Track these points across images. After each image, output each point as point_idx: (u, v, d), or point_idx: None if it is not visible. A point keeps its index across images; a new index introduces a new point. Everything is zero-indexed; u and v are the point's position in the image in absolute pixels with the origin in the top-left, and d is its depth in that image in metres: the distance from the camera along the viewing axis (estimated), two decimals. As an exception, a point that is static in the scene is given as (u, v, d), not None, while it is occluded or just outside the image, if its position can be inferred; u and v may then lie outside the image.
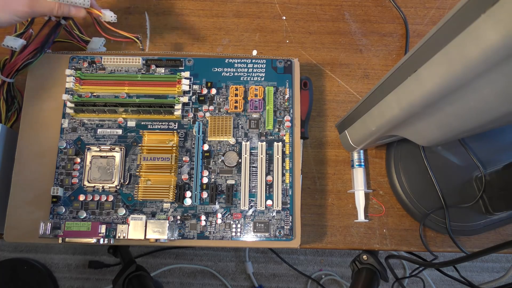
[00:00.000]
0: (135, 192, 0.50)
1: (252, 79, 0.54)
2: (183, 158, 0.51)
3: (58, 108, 0.52)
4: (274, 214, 0.50)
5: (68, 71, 0.52)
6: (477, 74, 0.26)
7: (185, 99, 0.52)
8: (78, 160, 0.50)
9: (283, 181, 0.51)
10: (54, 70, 0.53)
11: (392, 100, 0.36)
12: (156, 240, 0.48)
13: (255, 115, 0.53)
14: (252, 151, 0.51)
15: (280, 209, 0.50)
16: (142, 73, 0.53)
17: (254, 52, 0.59)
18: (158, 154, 0.50)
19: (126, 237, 0.48)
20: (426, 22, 0.61)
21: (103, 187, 0.50)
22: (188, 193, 0.50)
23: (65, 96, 0.51)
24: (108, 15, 0.51)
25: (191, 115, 0.52)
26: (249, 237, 0.49)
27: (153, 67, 0.53)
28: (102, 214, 0.49)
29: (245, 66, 0.54)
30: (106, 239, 0.48)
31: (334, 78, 0.58)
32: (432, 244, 0.53)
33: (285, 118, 0.52)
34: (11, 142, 0.51)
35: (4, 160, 0.50)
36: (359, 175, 0.53)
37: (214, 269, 1.11)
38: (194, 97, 0.53)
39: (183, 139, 0.52)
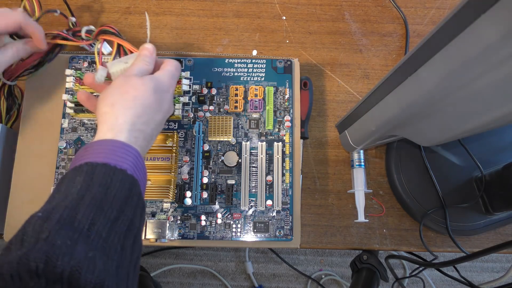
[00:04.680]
0: (135, 192, 0.50)
1: (252, 79, 0.54)
2: (183, 158, 0.51)
3: (58, 108, 0.52)
4: (274, 214, 0.50)
5: (68, 71, 0.52)
6: (477, 75, 0.26)
7: (185, 99, 0.52)
8: (78, 160, 0.50)
9: (283, 181, 0.51)
10: (54, 70, 0.53)
11: (392, 100, 0.36)
12: (156, 240, 0.48)
13: (255, 115, 0.53)
14: (252, 151, 0.51)
15: (280, 209, 0.50)
16: (142, 73, 0.53)
17: (254, 52, 0.59)
18: (158, 154, 0.50)
19: (126, 237, 0.48)
20: (426, 22, 0.61)
21: (103, 187, 0.50)
22: (188, 193, 0.50)
23: (65, 96, 0.51)
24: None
25: (191, 115, 0.52)
26: (249, 237, 0.49)
27: (153, 67, 0.53)
28: (102, 214, 0.49)
29: (245, 66, 0.54)
30: (106, 239, 0.48)
31: (334, 78, 0.58)
32: (432, 244, 0.53)
33: (285, 118, 0.52)
34: (11, 142, 0.51)
35: (4, 160, 0.50)
36: (359, 175, 0.53)
37: (214, 269, 1.11)
38: (194, 97, 0.53)
39: (183, 139, 0.52)
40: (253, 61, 0.54)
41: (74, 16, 0.54)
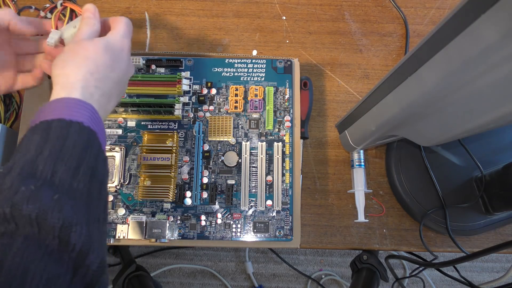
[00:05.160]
0: (135, 192, 0.50)
1: (252, 79, 0.54)
2: (183, 158, 0.51)
3: (58, 108, 0.52)
4: (274, 214, 0.50)
5: (68, 71, 0.52)
6: (477, 75, 0.26)
7: (185, 99, 0.52)
8: (78, 160, 0.50)
9: (283, 181, 0.51)
10: (54, 70, 0.53)
11: (392, 100, 0.36)
12: (156, 240, 0.48)
13: (255, 115, 0.53)
14: (252, 151, 0.51)
15: (280, 209, 0.50)
16: (142, 73, 0.53)
17: (254, 52, 0.59)
18: (158, 154, 0.50)
19: (126, 237, 0.48)
20: (426, 22, 0.61)
21: (103, 187, 0.50)
22: (188, 193, 0.50)
23: (65, 96, 0.51)
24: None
25: (191, 115, 0.52)
26: (249, 237, 0.49)
27: (153, 67, 0.53)
28: (102, 214, 0.49)
29: (245, 66, 0.54)
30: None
31: (334, 78, 0.58)
32: (432, 244, 0.53)
33: (285, 118, 0.52)
34: (11, 142, 0.51)
35: (4, 160, 0.50)
36: (359, 175, 0.53)
37: (214, 269, 1.11)
38: (194, 97, 0.53)
39: (183, 139, 0.52)
40: (253, 61, 0.54)
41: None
